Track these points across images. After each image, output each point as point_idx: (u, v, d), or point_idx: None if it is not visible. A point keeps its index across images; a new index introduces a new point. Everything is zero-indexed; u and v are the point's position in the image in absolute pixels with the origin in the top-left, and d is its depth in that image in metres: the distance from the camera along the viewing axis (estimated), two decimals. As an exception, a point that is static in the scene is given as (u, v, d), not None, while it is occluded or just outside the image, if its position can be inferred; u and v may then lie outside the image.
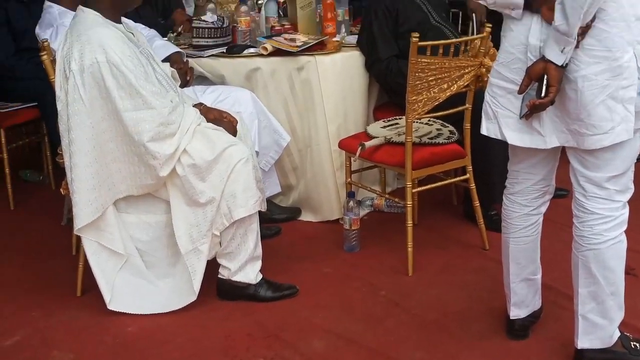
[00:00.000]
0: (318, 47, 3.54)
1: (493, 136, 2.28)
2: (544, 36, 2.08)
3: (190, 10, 5.63)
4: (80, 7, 2.77)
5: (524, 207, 2.41)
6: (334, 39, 3.74)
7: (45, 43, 2.95)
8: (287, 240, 3.53)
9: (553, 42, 2.01)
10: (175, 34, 4.12)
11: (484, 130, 2.31)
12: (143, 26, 3.64)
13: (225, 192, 2.75)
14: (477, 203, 3.30)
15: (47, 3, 3.48)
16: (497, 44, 2.92)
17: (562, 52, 2.00)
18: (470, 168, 3.25)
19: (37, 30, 3.43)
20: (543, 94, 2.05)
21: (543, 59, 2.04)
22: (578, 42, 2.01)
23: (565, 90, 2.08)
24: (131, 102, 2.66)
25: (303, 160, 3.67)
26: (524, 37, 2.13)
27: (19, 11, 4.17)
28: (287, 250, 3.41)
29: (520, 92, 2.12)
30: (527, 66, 2.10)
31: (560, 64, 2.01)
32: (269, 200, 3.50)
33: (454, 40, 3.10)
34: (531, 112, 2.11)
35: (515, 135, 2.22)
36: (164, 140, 2.70)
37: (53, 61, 2.84)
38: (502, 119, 2.23)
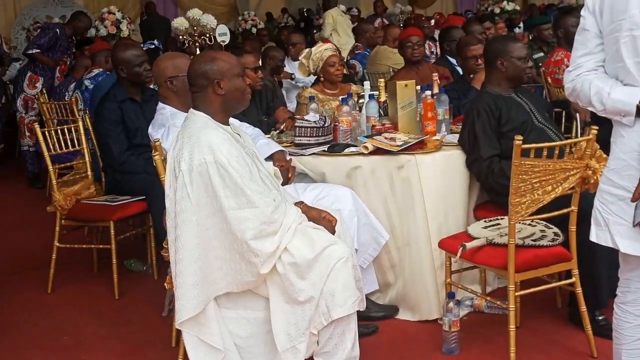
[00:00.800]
0: (418, 146, 3.57)
1: (604, 244, 2.21)
2: None
3: (292, 106, 5.83)
4: (192, 110, 2.91)
5: (637, 317, 2.29)
6: (434, 138, 3.76)
7: (157, 143, 3.10)
8: (384, 339, 3.47)
9: None
10: (278, 131, 4.25)
11: (593, 237, 2.24)
12: (247, 125, 3.78)
13: (324, 291, 2.75)
14: (584, 308, 3.16)
15: (160, 104, 3.65)
16: (601, 143, 2.87)
17: None
18: (576, 272, 3.14)
19: (150, 130, 3.61)
20: None
21: None
22: (693, 149, 1.95)
23: (682, 199, 2.01)
24: (236, 201, 2.73)
25: (402, 258, 3.64)
26: (636, 143, 2.09)
27: (133, 110, 4.40)
28: (384, 350, 3.35)
29: (633, 199, 2.06)
30: (641, 173, 2.05)
31: None
32: (367, 298, 3.47)
33: (558, 142, 3.05)
34: (646, 221, 2.05)
35: (628, 243, 2.14)
36: (266, 239, 2.75)
37: (164, 160, 2.97)
38: (613, 226, 2.16)
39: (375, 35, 8.21)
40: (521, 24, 8.95)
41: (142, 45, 7.39)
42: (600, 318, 3.31)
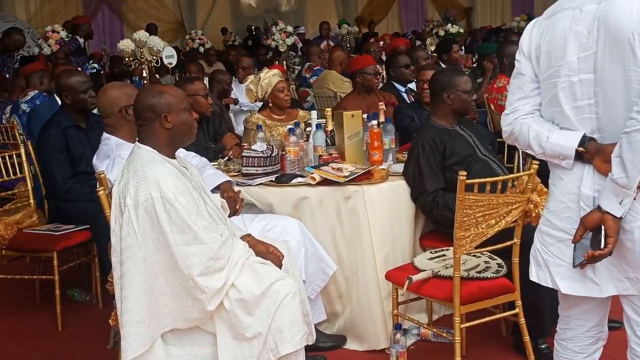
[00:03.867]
0: (365, 177, 3.59)
1: (544, 284, 2.26)
2: (597, 186, 2.08)
3: (240, 128, 5.81)
4: (137, 144, 2.88)
5: (576, 354, 2.35)
6: (381, 167, 3.79)
7: (102, 175, 3.05)
8: (332, 370, 3.48)
9: (611, 194, 2.00)
10: (225, 158, 4.24)
11: (534, 277, 2.29)
12: (194, 154, 3.75)
13: (272, 327, 2.74)
14: (527, 338, 3.22)
15: (105, 135, 3.61)
16: (542, 177, 2.94)
17: (620, 204, 1.99)
18: (519, 302, 3.20)
19: (95, 161, 3.56)
20: (602, 245, 2.03)
21: (599, 209, 2.03)
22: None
23: (622, 241, 2.06)
24: (182, 237, 2.70)
25: (349, 288, 3.65)
26: (576, 186, 2.14)
27: (78, 137, 4.34)
28: (333, 382, 3.36)
29: (574, 241, 2.10)
30: (580, 215, 2.10)
31: (619, 215, 2.00)
32: (315, 328, 3.46)
33: (501, 177, 3.11)
34: (588, 262, 2.09)
35: (568, 284, 2.19)
36: (213, 275, 2.72)
37: (109, 195, 2.93)
38: (553, 267, 2.21)
39: (321, 59, 8.26)
40: (463, 48, 9.11)
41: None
42: (543, 346, 3.37)
